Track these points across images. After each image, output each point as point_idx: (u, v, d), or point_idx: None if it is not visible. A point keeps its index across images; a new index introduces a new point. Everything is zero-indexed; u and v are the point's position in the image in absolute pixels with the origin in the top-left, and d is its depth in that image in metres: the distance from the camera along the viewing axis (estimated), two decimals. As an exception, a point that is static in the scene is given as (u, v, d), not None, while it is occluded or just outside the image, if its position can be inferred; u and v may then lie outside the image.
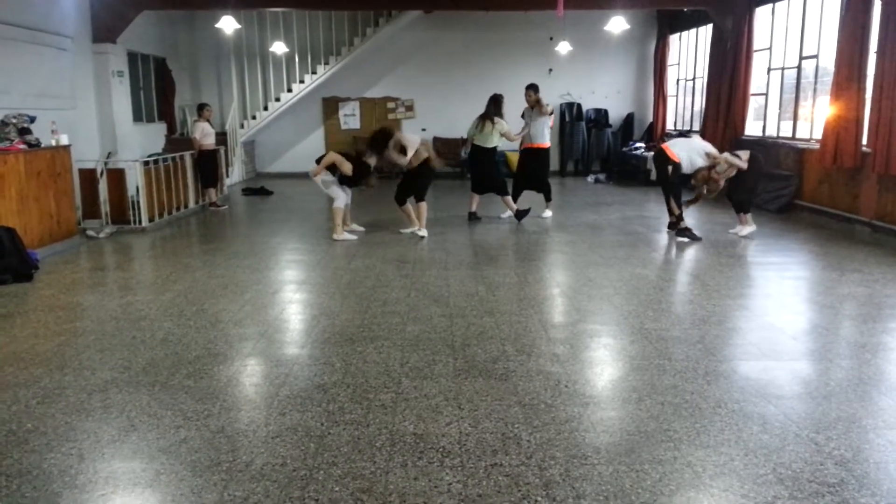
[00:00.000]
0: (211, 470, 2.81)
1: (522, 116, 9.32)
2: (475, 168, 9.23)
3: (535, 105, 9.01)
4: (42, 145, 7.26)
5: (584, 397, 3.51)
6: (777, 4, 10.39)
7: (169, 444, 3.02)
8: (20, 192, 6.76)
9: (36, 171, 7.03)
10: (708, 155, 7.66)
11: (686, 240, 7.67)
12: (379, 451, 2.96)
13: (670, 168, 7.74)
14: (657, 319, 4.81)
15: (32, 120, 7.25)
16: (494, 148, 9.02)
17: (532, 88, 9.06)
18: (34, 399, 3.52)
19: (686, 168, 7.71)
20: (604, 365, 4.05)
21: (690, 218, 9.00)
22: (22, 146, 6.92)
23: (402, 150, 7.89)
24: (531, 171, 9.24)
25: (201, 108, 10.61)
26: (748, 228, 7.96)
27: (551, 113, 9.17)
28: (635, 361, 4.02)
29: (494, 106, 8.92)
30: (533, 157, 9.20)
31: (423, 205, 8.13)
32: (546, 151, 9.22)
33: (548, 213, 9.36)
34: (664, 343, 4.32)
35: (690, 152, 7.72)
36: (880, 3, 7.64)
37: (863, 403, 3.42)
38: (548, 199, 9.41)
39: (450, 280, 5.96)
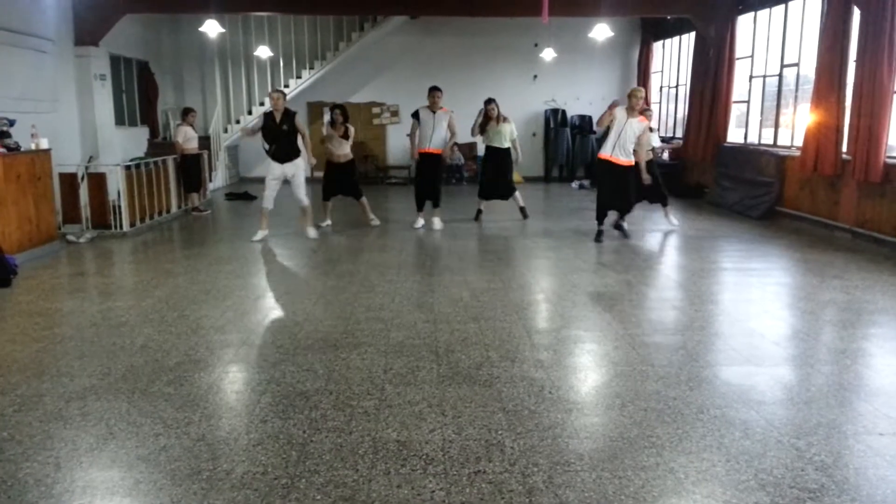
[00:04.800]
0: (191, 479, 2.77)
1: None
2: (491, 171, 9.35)
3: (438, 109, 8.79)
4: (22, 149, 7.17)
5: (568, 403, 3.51)
6: (759, 13, 10.52)
7: (148, 453, 2.98)
8: (-1, 197, 6.67)
9: (15, 174, 6.94)
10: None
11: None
12: (362, 459, 2.94)
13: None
14: (640, 325, 4.83)
15: (12, 123, 7.16)
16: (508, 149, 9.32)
17: (439, 90, 8.79)
18: (11, 407, 3.46)
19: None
20: (587, 371, 4.06)
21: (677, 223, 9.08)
22: (1, 150, 6.83)
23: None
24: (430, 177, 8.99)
25: (186, 113, 10.56)
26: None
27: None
28: (618, 367, 4.03)
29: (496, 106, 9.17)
30: (432, 161, 8.94)
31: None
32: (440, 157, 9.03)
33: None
34: (647, 349, 4.33)
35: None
36: (859, 12, 7.76)
37: (843, 409, 3.45)
38: (436, 204, 9.14)
39: (434, 286, 5.95)
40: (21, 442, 3.09)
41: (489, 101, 9.21)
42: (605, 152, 7.87)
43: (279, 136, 7.94)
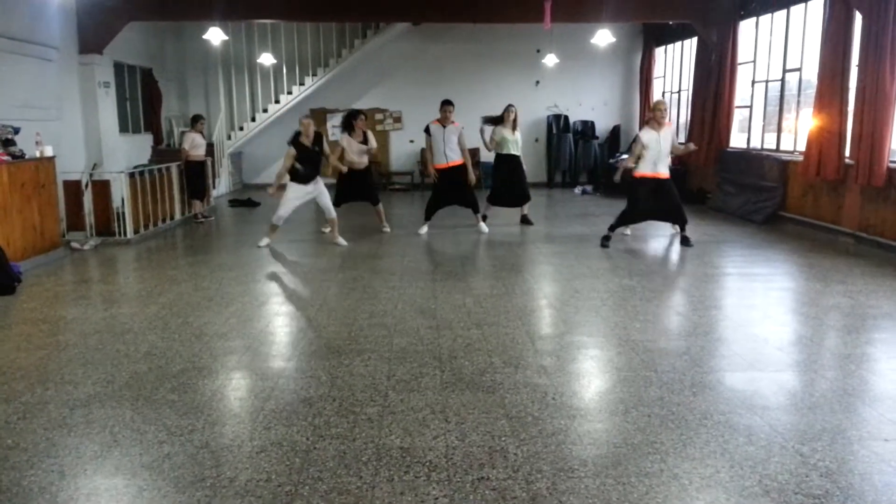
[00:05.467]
0: (195, 486, 2.77)
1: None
2: (506, 177, 9.41)
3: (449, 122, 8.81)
4: (26, 157, 7.21)
5: (571, 409, 3.51)
6: (761, 18, 10.52)
7: (152, 460, 2.98)
8: (3, 204, 6.70)
9: (19, 182, 6.97)
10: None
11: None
12: (365, 466, 2.94)
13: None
14: (644, 331, 4.83)
15: (17, 131, 7.20)
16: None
17: (451, 105, 8.80)
18: (15, 414, 3.47)
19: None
20: (591, 377, 4.05)
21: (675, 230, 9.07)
22: (5, 158, 6.86)
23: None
24: (459, 188, 8.97)
25: (195, 120, 10.49)
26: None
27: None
28: (622, 373, 4.03)
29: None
30: (457, 173, 8.92)
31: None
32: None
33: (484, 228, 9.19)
34: (650, 354, 4.33)
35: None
36: (861, 17, 7.76)
37: (847, 415, 3.44)
38: (476, 211, 9.23)
39: (437, 292, 5.95)
40: (25, 450, 3.09)
41: (511, 106, 9.33)
42: (646, 170, 7.73)
43: (314, 159, 8.05)
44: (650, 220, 8.37)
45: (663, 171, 7.80)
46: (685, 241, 8.10)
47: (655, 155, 7.71)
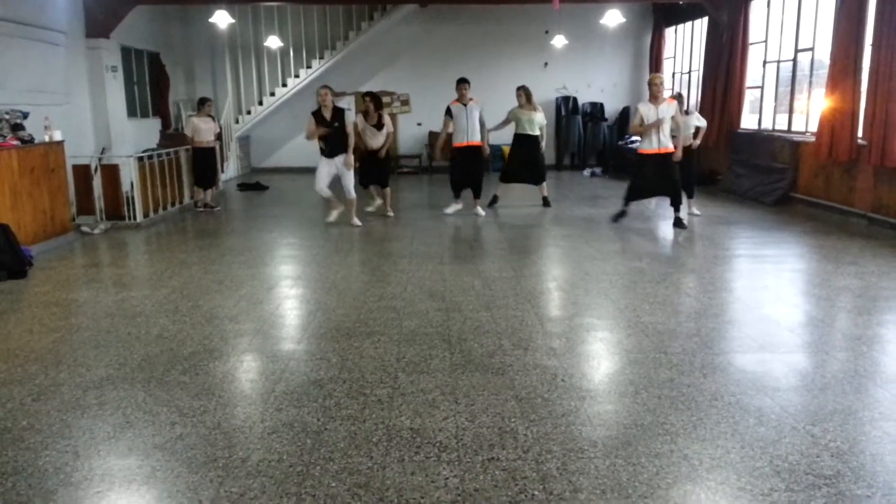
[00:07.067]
0: (207, 466, 2.80)
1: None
2: (520, 157, 9.56)
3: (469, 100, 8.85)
4: (35, 141, 7.22)
5: (581, 391, 3.51)
6: (772, -3, 10.39)
7: (165, 441, 3.01)
8: (13, 189, 6.73)
9: (29, 167, 6.99)
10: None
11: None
12: (376, 447, 2.95)
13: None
14: (653, 313, 4.81)
15: (25, 116, 7.21)
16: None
17: (467, 83, 8.81)
18: (29, 396, 3.51)
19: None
20: (600, 358, 4.05)
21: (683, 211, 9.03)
22: (15, 142, 6.88)
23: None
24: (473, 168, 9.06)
25: (202, 103, 10.13)
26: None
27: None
28: (632, 355, 4.02)
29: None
30: (474, 153, 9.01)
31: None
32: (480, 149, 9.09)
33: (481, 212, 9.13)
34: (660, 336, 4.32)
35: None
36: (876, -5, 7.64)
37: (859, 395, 3.43)
38: (477, 195, 9.18)
39: (446, 274, 5.95)
40: (40, 431, 3.13)
41: (520, 88, 9.41)
42: (649, 146, 7.67)
43: (331, 134, 7.99)
44: (652, 197, 8.33)
45: (666, 146, 7.69)
46: (678, 223, 8.03)
47: (656, 132, 7.61)
